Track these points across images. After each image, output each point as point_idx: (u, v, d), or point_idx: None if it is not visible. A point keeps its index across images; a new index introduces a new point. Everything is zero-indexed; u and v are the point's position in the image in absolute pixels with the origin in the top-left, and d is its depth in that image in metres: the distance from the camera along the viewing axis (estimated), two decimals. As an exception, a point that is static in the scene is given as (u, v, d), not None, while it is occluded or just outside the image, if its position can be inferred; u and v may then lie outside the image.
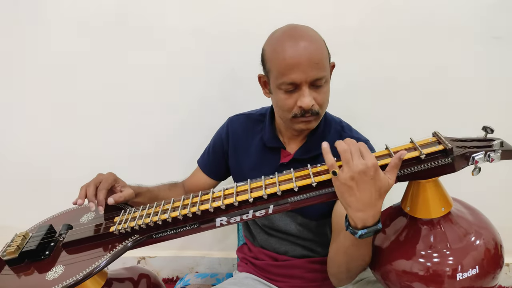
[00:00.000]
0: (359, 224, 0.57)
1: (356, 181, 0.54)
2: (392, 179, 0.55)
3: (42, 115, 1.26)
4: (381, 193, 0.55)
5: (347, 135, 0.81)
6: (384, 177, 0.54)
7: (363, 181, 0.53)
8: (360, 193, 0.54)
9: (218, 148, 0.91)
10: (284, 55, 0.68)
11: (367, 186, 0.54)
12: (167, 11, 1.11)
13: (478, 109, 1.09)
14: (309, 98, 0.69)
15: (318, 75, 0.68)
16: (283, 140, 0.83)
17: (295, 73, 0.67)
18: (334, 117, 0.86)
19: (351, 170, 0.53)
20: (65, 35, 1.16)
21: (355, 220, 0.57)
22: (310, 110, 0.71)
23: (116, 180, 0.76)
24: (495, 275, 0.59)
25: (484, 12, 1.00)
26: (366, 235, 0.57)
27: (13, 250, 0.66)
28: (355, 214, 0.56)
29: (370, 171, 0.53)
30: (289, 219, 0.83)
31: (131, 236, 0.66)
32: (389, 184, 0.55)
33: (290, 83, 0.69)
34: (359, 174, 0.53)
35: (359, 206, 0.55)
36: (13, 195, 1.38)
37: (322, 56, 0.69)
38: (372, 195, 0.54)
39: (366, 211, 0.55)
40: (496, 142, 0.54)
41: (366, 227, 0.57)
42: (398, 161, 0.55)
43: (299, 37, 0.69)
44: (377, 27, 1.04)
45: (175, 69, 1.17)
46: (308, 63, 0.67)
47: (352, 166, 0.53)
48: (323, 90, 0.71)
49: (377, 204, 0.56)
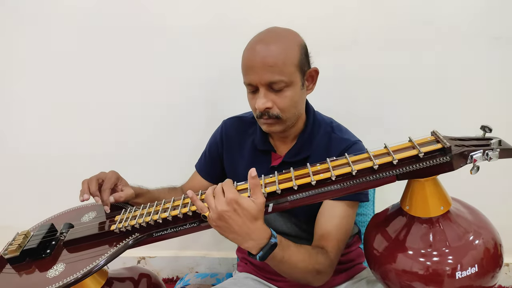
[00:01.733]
0: (254, 251, 0.59)
1: (224, 220, 0.57)
2: (259, 198, 0.57)
3: (42, 115, 1.27)
4: (253, 217, 0.57)
5: (336, 136, 0.80)
6: (247, 203, 0.56)
7: (229, 217, 0.56)
8: (234, 227, 0.57)
9: (214, 151, 0.92)
10: (244, 57, 0.72)
11: (235, 219, 0.56)
12: (166, 11, 1.11)
13: (477, 109, 1.09)
14: (262, 100, 0.70)
15: (272, 79, 0.69)
16: (274, 143, 0.83)
17: (250, 75, 0.70)
18: (325, 117, 0.86)
19: (215, 212, 0.57)
20: (65, 35, 1.17)
21: (249, 249, 0.59)
22: (267, 113, 0.72)
23: (118, 179, 0.77)
24: (494, 274, 0.59)
25: (484, 12, 1.00)
26: (265, 255, 0.59)
27: (15, 249, 0.67)
28: (243, 245, 0.59)
29: (230, 206, 0.56)
30: (283, 220, 0.84)
31: (132, 235, 0.66)
32: (257, 205, 0.57)
33: (248, 84, 0.72)
34: (222, 213, 0.56)
35: (241, 238, 0.58)
36: (13, 195, 1.38)
37: (279, 60, 0.68)
38: (246, 224, 0.57)
39: (251, 239, 0.58)
40: (494, 140, 0.54)
41: (261, 249, 0.59)
42: (253, 180, 0.57)
43: (260, 40, 0.71)
44: (377, 27, 1.05)
45: (175, 70, 1.17)
46: (261, 66, 0.68)
47: (214, 208, 0.57)
48: (284, 94, 0.71)
49: (256, 227, 0.58)
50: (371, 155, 0.59)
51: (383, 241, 0.65)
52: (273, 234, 0.60)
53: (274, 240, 0.60)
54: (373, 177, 0.58)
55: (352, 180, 0.58)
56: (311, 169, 0.61)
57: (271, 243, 0.59)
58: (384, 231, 0.66)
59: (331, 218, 0.73)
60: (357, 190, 0.59)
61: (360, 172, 0.58)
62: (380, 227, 0.67)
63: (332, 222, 0.73)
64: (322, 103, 0.87)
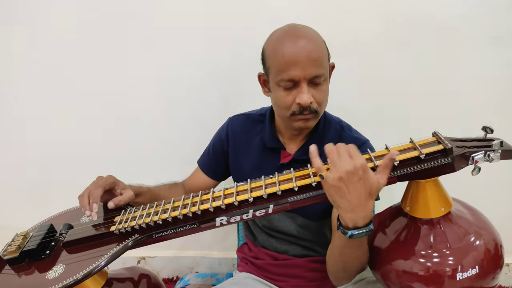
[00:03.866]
0: (350, 224, 0.57)
1: (344, 182, 0.53)
2: (383, 180, 0.55)
3: (42, 115, 1.27)
4: (371, 194, 0.54)
5: (347, 135, 0.81)
6: (373, 178, 0.54)
7: (351, 181, 0.53)
8: (349, 194, 0.54)
9: (218, 148, 0.91)
10: (283, 52, 0.69)
11: (356, 187, 0.53)
12: (166, 11, 1.11)
13: (478, 109, 1.09)
14: (307, 95, 0.69)
15: (316, 72, 0.69)
16: (283, 141, 0.83)
17: (294, 69, 0.68)
18: (334, 116, 0.87)
19: (338, 171, 0.53)
20: (65, 35, 1.16)
21: (346, 220, 0.57)
22: (308, 108, 0.71)
23: (115, 183, 0.76)
24: (495, 275, 0.59)
25: (483, 12, 1.00)
26: (357, 235, 0.57)
27: (14, 250, 0.66)
28: (346, 215, 0.56)
29: (358, 172, 0.52)
30: (289, 220, 0.83)
31: (131, 236, 0.66)
32: (379, 185, 0.54)
33: (289, 80, 0.70)
34: (346, 175, 0.53)
35: (349, 207, 0.55)
36: (13, 195, 1.38)
37: (321, 54, 0.70)
38: (362, 196, 0.54)
39: (356, 212, 0.55)
40: (496, 142, 0.54)
41: (357, 228, 0.56)
42: (389, 161, 0.55)
43: (298, 35, 0.70)
44: (377, 27, 1.05)
45: (175, 68, 1.17)
46: (306, 60, 0.68)
47: (339, 167, 0.53)
48: (322, 88, 0.71)
49: (368, 204, 0.55)
50: (372, 156, 0.58)
51: (383, 241, 0.65)
52: (372, 221, 0.58)
53: (372, 227, 0.57)
54: (374, 178, 0.58)
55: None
56: (312, 170, 0.61)
57: (369, 229, 0.57)
58: (384, 232, 0.66)
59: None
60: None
61: (361, 173, 0.57)
62: (381, 227, 0.67)
63: None
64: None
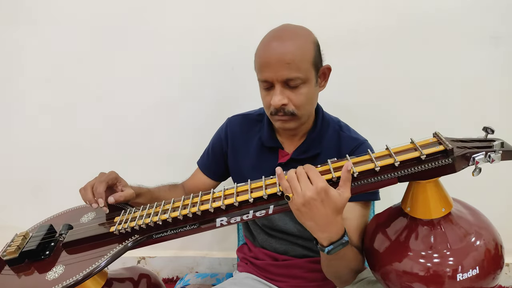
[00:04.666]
0: (324, 243, 0.59)
1: (308, 207, 0.55)
2: (346, 193, 0.56)
3: (42, 115, 1.27)
4: (337, 210, 0.56)
5: (345, 135, 0.81)
6: (335, 196, 0.55)
7: (314, 206, 0.55)
8: (315, 216, 0.56)
9: (218, 149, 0.91)
10: (260, 54, 0.72)
11: (320, 210, 0.55)
12: (167, 11, 1.11)
13: (478, 109, 1.09)
14: (278, 97, 0.70)
15: (289, 75, 0.69)
16: (281, 140, 0.83)
17: (267, 71, 0.70)
18: (332, 116, 0.86)
19: (302, 197, 0.55)
20: (65, 35, 1.16)
21: (319, 240, 0.59)
22: (282, 110, 0.71)
23: (117, 179, 0.76)
24: (495, 275, 0.59)
25: (483, 12, 1.00)
26: (333, 250, 0.59)
27: (14, 250, 0.66)
28: (317, 235, 0.58)
29: (319, 195, 0.54)
30: (288, 219, 0.83)
31: (131, 236, 0.66)
32: (343, 199, 0.56)
33: (263, 81, 0.72)
34: (309, 200, 0.54)
35: (318, 227, 0.57)
36: (13, 195, 1.38)
37: (295, 57, 0.69)
38: (328, 215, 0.56)
39: (327, 231, 0.57)
40: (497, 142, 0.54)
41: (332, 243, 0.58)
42: (347, 173, 0.56)
43: (277, 37, 0.71)
44: (377, 27, 1.04)
45: (175, 69, 1.17)
46: (278, 63, 0.68)
47: (300, 193, 0.55)
48: (299, 91, 0.71)
49: (336, 220, 0.57)
50: (372, 157, 0.58)
51: (383, 242, 0.65)
52: (346, 232, 0.60)
53: (347, 238, 0.59)
54: (375, 179, 0.58)
55: (354, 182, 0.58)
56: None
57: (344, 241, 0.59)
58: (384, 232, 0.66)
59: (352, 220, 0.73)
60: (358, 192, 0.59)
61: (362, 174, 0.58)
62: (381, 228, 0.66)
63: (353, 223, 0.72)
64: (322, 103, 0.86)
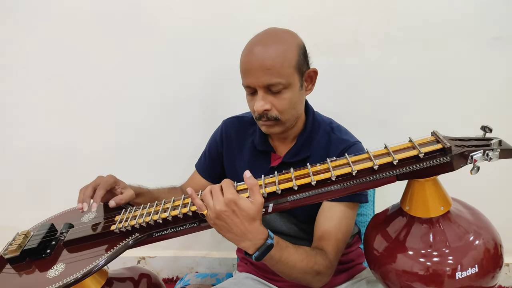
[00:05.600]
0: (250, 251, 0.59)
1: (222, 219, 0.57)
2: (258, 199, 0.57)
3: (42, 115, 1.27)
4: (252, 218, 0.57)
5: (336, 137, 0.80)
6: (246, 205, 0.56)
7: (227, 217, 0.57)
8: (231, 227, 0.57)
9: (214, 151, 0.92)
10: (242, 60, 0.72)
11: (234, 220, 0.57)
12: (166, 11, 1.11)
13: (477, 109, 1.09)
14: (260, 102, 0.70)
15: (270, 81, 0.69)
16: (273, 144, 0.83)
17: (248, 77, 0.70)
18: (324, 117, 0.86)
19: (213, 212, 0.57)
20: (65, 35, 1.17)
21: (245, 249, 0.60)
22: (265, 115, 0.72)
23: (116, 182, 0.76)
24: (494, 274, 0.59)
25: (483, 12, 1.00)
26: (261, 255, 0.59)
27: (15, 249, 0.67)
28: (242, 245, 0.59)
29: (229, 207, 0.56)
30: (282, 220, 0.83)
31: (132, 235, 0.66)
32: (255, 206, 0.57)
33: (246, 86, 0.72)
34: (220, 213, 0.56)
35: (238, 238, 0.58)
36: (13, 195, 1.38)
37: (276, 63, 0.68)
38: (244, 224, 0.57)
39: (248, 239, 0.58)
40: (495, 141, 0.54)
41: (257, 250, 0.59)
42: (249, 180, 0.57)
43: (258, 42, 0.71)
44: (377, 27, 1.05)
45: (174, 71, 1.17)
46: (259, 68, 0.68)
47: (212, 208, 0.57)
48: (282, 96, 0.71)
49: (254, 227, 0.58)
50: (371, 155, 0.58)
51: (383, 241, 0.65)
52: (270, 235, 0.60)
53: (271, 241, 0.60)
54: (373, 177, 0.58)
55: (352, 180, 0.58)
56: (311, 169, 0.61)
57: (267, 244, 0.59)
58: (384, 232, 0.66)
59: (330, 219, 0.73)
60: (357, 190, 0.59)
61: (360, 172, 0.58)
62: (380, 227, 0.66)
63: (331, 223, 0.73)
64: (322, 104, 0.87)
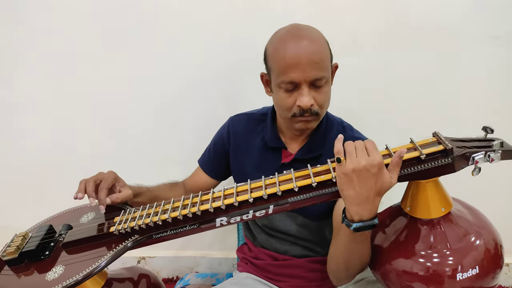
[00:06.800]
0: (355, 217, 0.57)
1: (357, 175, 0.54)
2: (394, 178, 0.56)
3: (42, 115, 1.26)
4: (381, 191, 0.55)
5: (348, 135, 0.81)
6: (387, 176, 0.55)
7: (364, 176, 0.54)
8: (359, 187, 0.54)
9: (219, 148, 0.91)
10: (285, 54, 0.68)
11: (367, 182, 0.54)
12: (167, 9, 1.11)
13: (478, 109, 1.09)
14: (308, 97, 0.69)
15: (317, 75, 0.68)
16: (285, 140, 0.83)
17: (295, 72, 0.68)
18: (336, 117, 0.87)
19: (353, 163, 0.54)
20: (65, 34, 1.16)
21: (351, 213, 0.57)
22: (309, 110, 0.71)
23: (116, 179, 0.76)
24: (495, 275, 0.59)
25: (483, 12, 1.00)
26: (361, 228, 0.57)
27: (13, 251, 0.66)
28: (352, 207, 0.57)
29: (373, 169, 0.53)
30: (289, 220, 0.83)
31: (131, 236, 0.66)
32: (391, 184, 0.55)
33: (289, 82, 0.69)
34: (360, 168, 0.53)
35: (356, 200, 0.56)
36: (13, 195, 1.38)
37: (322, 56, 0.69)
38: (372, 191, 0.55)
39: (363, 206, 0.56)
40: (496, 142, 0.54)
41: (362, 221, 0.57)
42: (399, 159, 0.55)
43: (300, 36, 0.69)
44: (377, 27, 1.04)
45: (176, 68, 1.17)
46: (307, 63, 0.67)
47: (354, 160, 0.54)
48: (323, 90, 0.71)
49: (375, 201, 0.56)
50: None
51: (383, 241, 0.65)
52: (377, 216, 0.58)
53: (377, 221, 0.58)
54: (375, 179, 0.58)
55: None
56: (312, 170, 0.61)
57: (374, 223, 0.57)
58: (384, 232, 0.66)
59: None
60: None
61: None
62: (381, 227, 0.67)
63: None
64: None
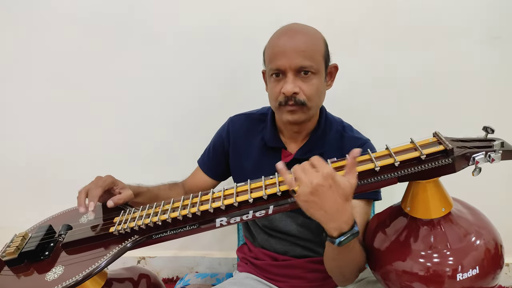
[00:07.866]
0: (334, 233, 0.57)
1: (316, 195, 0.53)
2: (353, 179, 0.55)
3: (42, 115, 1.26)
4: (346, 197, 0.55)
5: (348, 135, 0.81)
6: (343, 181, 0.54)
7: (323, 192, 0.53)
8: (325, 204, 0.54)
9: (219, 148, 0.91)
10: (273, 44, 0.73)
11: (330, 196, 0.53)
12: (168, 10, 1.11)
13: (478, 109, 1.09)
14: (291, 85, 0.70)
15: (302, 63, 0.70)
16: (284, 140, 0.83)
17: (281, 59, 0.70)
18: (335, 117, 0.87)
19: (309, 186, 0.53)
20: (65, 34, 1.16)
21: (330, 230, 0.57)
22: (293, 98, 0.71)
23: (114, 182, 0.75)
24: (495, 275, 0.59)
25: (484, 12, 1.00)
26: (345, 241, 0.57)
27: (13, 251, 0.66)
28: (328, 225, 0.56)
29: (327, 181, 0.53)
30: (289, 220, 0.83)
31: (131, 237, 0.66)
32: (351, 185, 0.55)
33: (276, 69, 0.72)
34: (317, 187, 0.53)
35: (327, 217, 0.55)
36: (12, 195, 1.38)
37: (311, 46, 0.71)
38: (338, 202, 0.54)
39: (337, 220, 0.56)
40: (497, 142, 0.54)
41: (343, 234, 0.57)
42: (353, 159, 0.55)
43: (292, 29, 0.73)
44: (377, 27, 1.04)
45: (175, 68, 1.17)
46: (293, 50, 0.69)
47: (307, 182, 0.53)
48: (311, 82, 0.72)
49: (346, 208, 0.55)
50: (372, 157, 0.58)
51: (383, 241, 0.65)
52: (355, 221, 0.58)
53: (357, 228, 0.58)
54: (374, 179, 0.58)
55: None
56: (312, 170, 0.61)
57: (354, 231, 0.57)
58: (384, 232, 0.66)
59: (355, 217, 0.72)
60: (357, 192, 0.59)
61: (362, 174, 0.58)
62: (381, 227, 0.66)
63: (357, 220, 0.71)
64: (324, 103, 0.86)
